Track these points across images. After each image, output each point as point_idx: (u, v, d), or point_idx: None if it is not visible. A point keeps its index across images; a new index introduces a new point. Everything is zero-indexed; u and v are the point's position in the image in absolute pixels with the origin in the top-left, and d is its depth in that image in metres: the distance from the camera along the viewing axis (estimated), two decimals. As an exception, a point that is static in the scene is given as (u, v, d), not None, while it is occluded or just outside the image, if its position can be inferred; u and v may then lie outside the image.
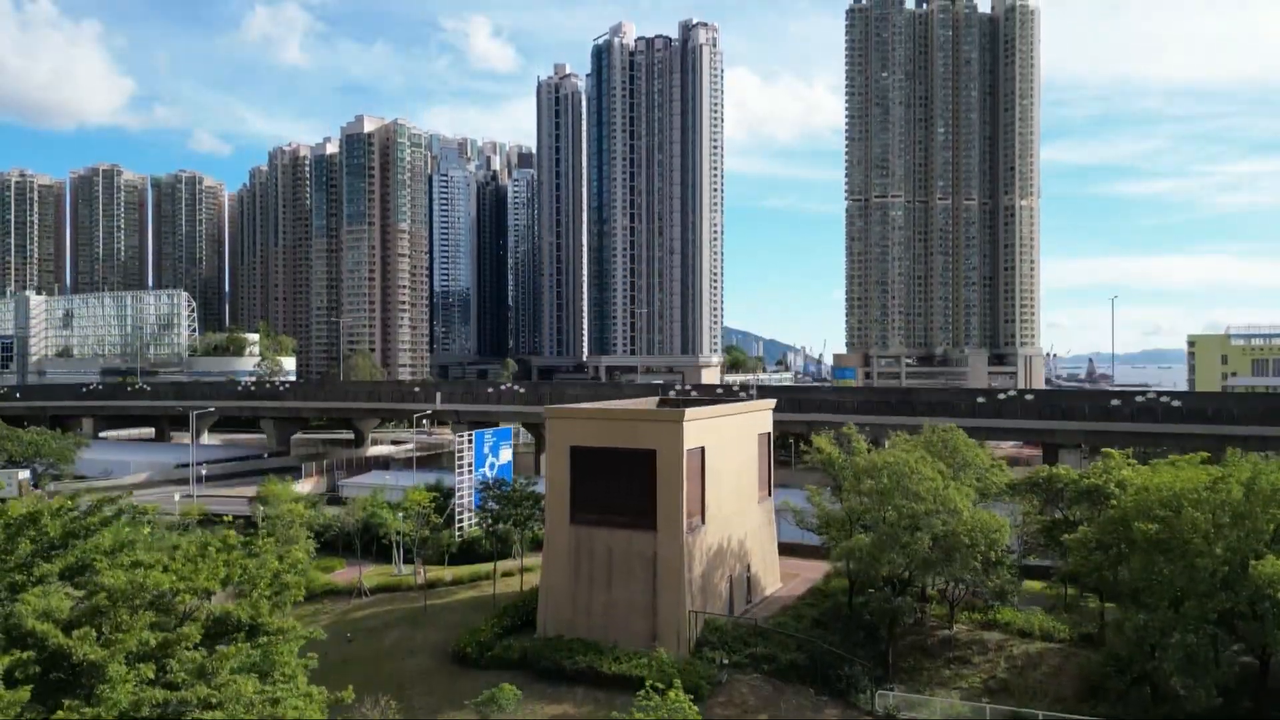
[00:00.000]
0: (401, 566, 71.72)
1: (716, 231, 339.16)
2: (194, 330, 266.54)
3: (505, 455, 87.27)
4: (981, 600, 51.63)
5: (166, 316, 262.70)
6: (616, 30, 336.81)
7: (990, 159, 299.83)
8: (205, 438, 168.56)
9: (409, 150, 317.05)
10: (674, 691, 34.89)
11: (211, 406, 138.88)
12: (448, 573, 69.56)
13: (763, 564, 60.83)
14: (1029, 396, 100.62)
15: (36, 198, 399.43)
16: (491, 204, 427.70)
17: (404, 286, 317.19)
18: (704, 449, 52.80)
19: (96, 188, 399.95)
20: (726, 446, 56.14)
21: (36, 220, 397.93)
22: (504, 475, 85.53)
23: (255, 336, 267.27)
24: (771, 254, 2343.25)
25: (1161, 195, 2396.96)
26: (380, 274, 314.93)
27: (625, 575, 51.35)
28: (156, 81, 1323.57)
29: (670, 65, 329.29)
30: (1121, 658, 40.58)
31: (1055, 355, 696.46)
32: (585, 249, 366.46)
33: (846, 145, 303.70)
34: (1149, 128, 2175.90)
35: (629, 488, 51.69)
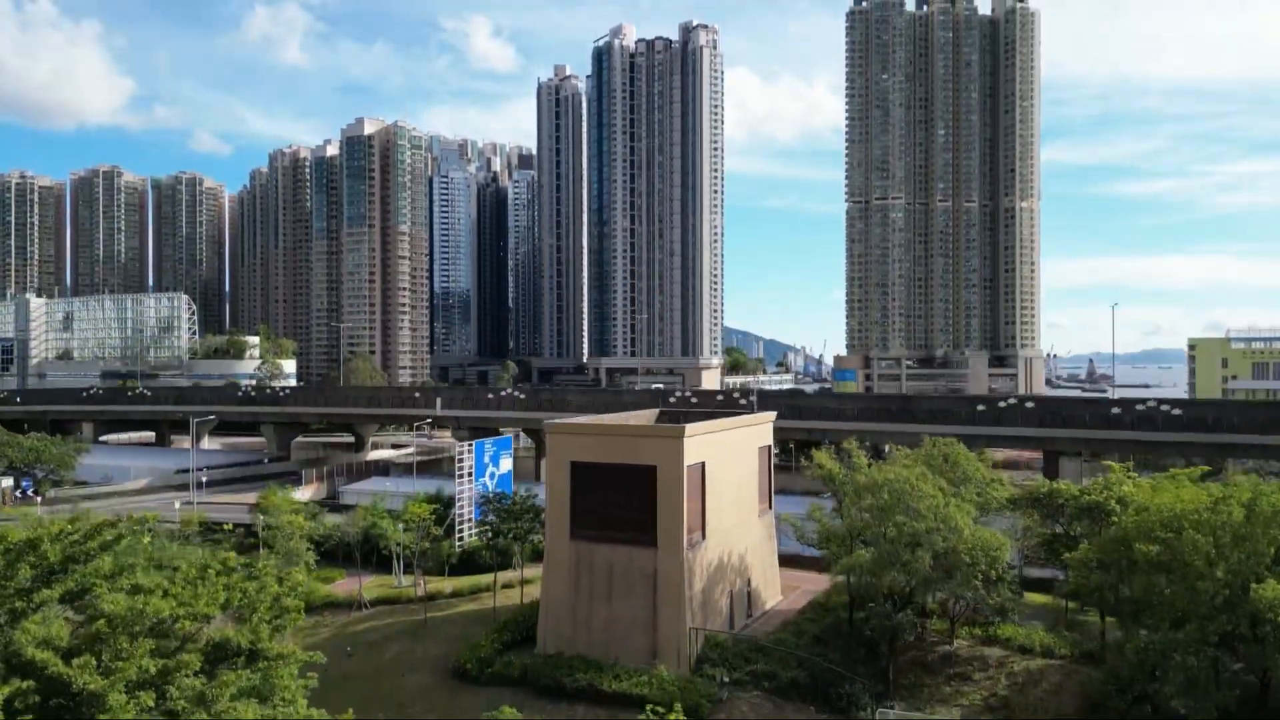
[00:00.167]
0: (402, 578, 71.68)
1: (717, 233, 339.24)
2: (194, 333, 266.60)
3: (505, 464, 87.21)
4: (982, 616, 51.59)
5: (167, 319, 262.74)
6: (617, 32, 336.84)
7: (990, 161, 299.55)
8: (206, 442, 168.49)
9: (409, 152, 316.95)
10: (674, 715, 34.84)
11: (212, 415, 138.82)
12: (448, 584, 69.57)
13: (763, 577, 60.77)
14: (1029, 404, 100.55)
15: (37, 199, 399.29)
16: (492, 205, 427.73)
17: (404, 289, 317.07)
18: (704, 464, 52.73)
19: (97, 189, 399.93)
20: (727, 461, 56.07)
21: (37, 222, 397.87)
22: (504, 485, 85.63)
23: (255, 339, 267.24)
24: (771, 254, 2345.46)
25: (1161, 195, 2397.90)
26: (380, 276, 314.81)
27: (625, 591, 51.29)
28: (156, 81, 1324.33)
29: (670, 67, 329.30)
30: (1123, 677, 40.53)
31: (1055, 356, 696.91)
32: (585, 250, 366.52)
33: (846, 147, 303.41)
34: (1149, 127, 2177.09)
35: (629, 503, 51.64)
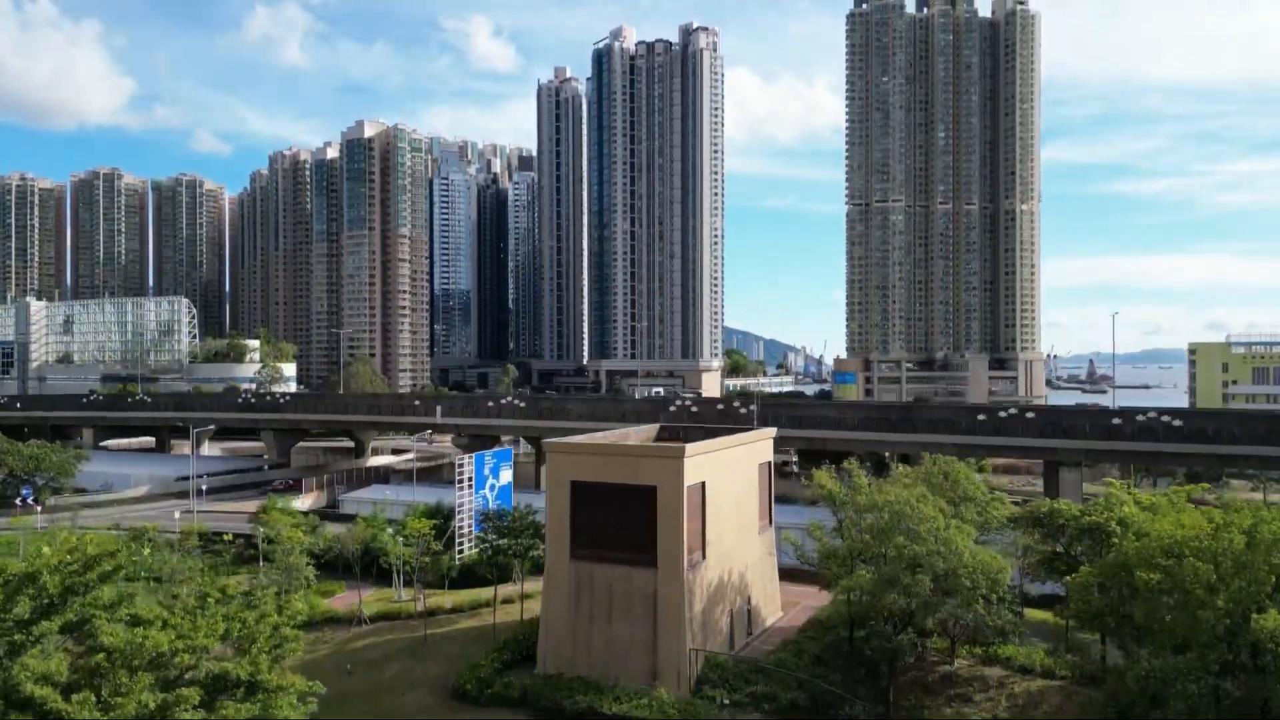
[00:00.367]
0: (402, 592, 71.66)
1: (717, 235, 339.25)
2: (194, 336, 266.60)
3: (506, 476, 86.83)
4: (983, 635, 51.53)
5: (167, 323, 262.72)
6: (617, 34, 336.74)
7: (991, 163, 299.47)
8: (206, 447, 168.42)
9: (409, 155, 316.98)
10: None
11: (211, 426, 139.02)
12: (448, 599, 69.54)
13: (763, 595, 60.71)
14: (1029, 414, 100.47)
15: (37, 201, 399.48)
16: (492, 207, 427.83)
17: (404, 291, 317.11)
18: (704, 484, 52.64)
19: (97, 191, 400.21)
20: (727, 479, 56.00)
21: (37, 224, 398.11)
22: (504, 496, 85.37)
23: (256, 343, 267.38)
24: (772, 254, 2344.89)
25: (1161, 195, 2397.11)
26: (380, 279, 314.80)
27: (626, 612, 51.22)
28: (156, 81, 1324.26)
29: (670, 69, 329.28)
30: (1123, 702, 40.43)
31: (1055, 356, 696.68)
32: (586, 252, 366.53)
33: (847, 149, 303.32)
34: (1149, 127, 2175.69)
35: (629, 523, 51.54)
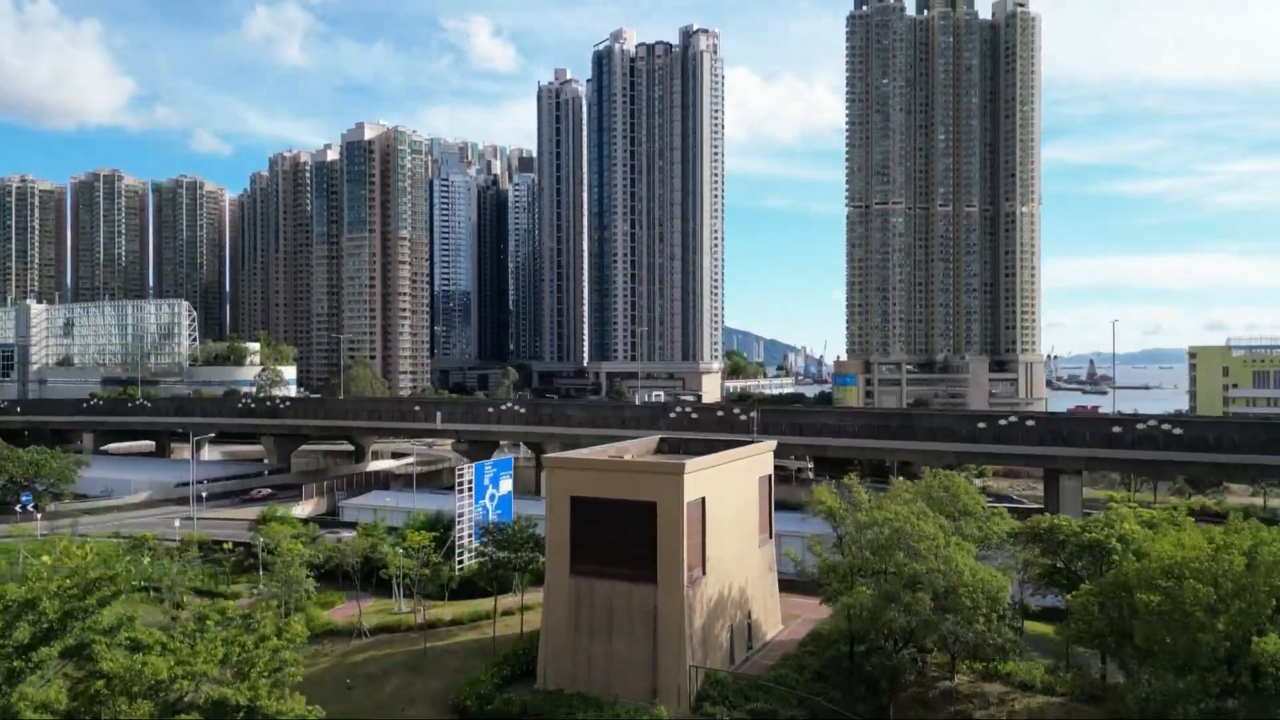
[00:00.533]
0: (402, 604, 71.61)
1: (717, 237, 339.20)
2: (194, 339, 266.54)
3: (505, 485, 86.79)
4: (983, 653, 51.45)
5: (167, 326, 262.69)
6: (617, 36, 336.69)
7: (991, 165, 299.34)
8: (206, 450, 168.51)
9: (409, 157, 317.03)
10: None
11: (211, 433, 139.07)
12: (447, 611, 69.48)
13: (763, 609, 60.67)
14: (1030, 422, 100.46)
15: (37, 203, 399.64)
16: (492, 208, 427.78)
17: (404, 294, 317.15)
18: (704, 499, 52.57)
19: (97, 193, 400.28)
20: (727, 494, 55.93)
21: (37, 225, 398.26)
22: (504, 506, 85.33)
23: (256, 346, 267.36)
24: (772, 253, 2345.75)
25: (1162, 195, 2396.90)
26: (381, 281, 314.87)
27: (626, 628, 51.17)
28: (157, 81, 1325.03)
29: (671, 71, 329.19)
30: (1123, 723, 40.45)
31: (1055, 357, 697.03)
32: (586, 254, 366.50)
33: (847, 151, 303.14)
34: (1149, 127, 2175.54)
35: (629, 539, 51.46)
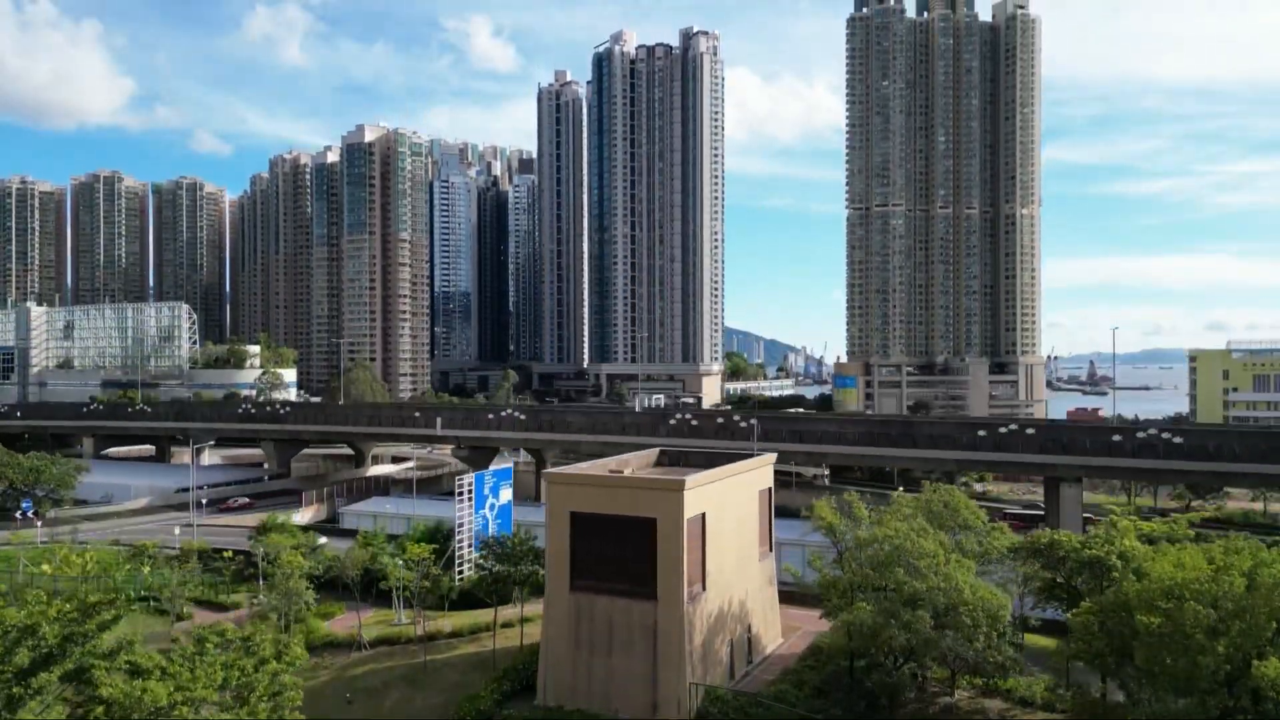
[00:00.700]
0: (402, 615, 71.62)
1: (717, 239, 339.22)
2: (194, 342, 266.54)
3: (505, 495, 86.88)
4: (984, 670, 51.40)
5: (167, 328, 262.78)
6: (617, 38, 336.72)
7: (991, 167, 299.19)
8: (206, 455, 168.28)
9: (409, 159, 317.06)
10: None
11: (211, 440, 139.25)
12: (447, 622, 69.45)
13: (763, 622, 60.65)
14: (1030, 430, 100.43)
15: (37, 204, 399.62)
16: (492, 209, 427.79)
17: (405, 296, 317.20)
18: (704, 515, 52.55)
19: (97, 194, 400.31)
20: (727, 509, 55.92)
21: (38, 227, 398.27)
22: (504, 515, 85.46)
23: (256, 348, 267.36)
24: (772, 253, 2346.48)
25: (1162, 195, 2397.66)
26: (381, 283, 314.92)
27: (625, 644, 51.14)
28: (157, 81, 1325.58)
29: (671, 73, 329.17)
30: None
31: (1056, 357, 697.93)
32: (586, 256, 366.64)
33: (847, 153, 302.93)
34: (1149, 127, 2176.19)
35: (629, 555, 51.44)
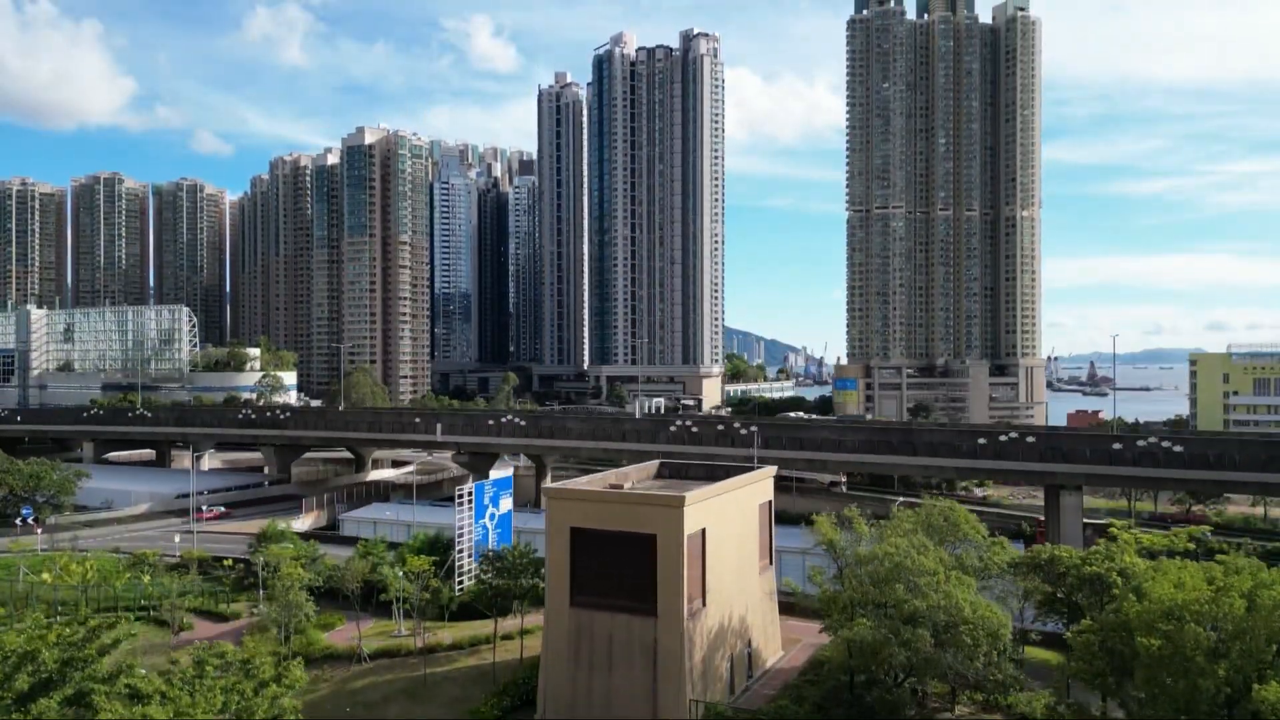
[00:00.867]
0: (402, 626, 71.61)
1: (718, 241, 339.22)
2: (195, 345, 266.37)
3: (506, 504, 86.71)
4: (984, 687, 51.39)
5: (168, 331, 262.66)
6: (617, 40, 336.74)
7: (991, 170, 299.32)
8: (206, 459, 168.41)
9: (410, 162, 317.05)
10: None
11: (211, 445, 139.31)
12: (447, 634, 69.44)
13: (763, 636, 60.61)
14: (1030, 438, 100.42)
15: (38, 206, 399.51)
16: (493, 210, 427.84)
17: (405, 298, 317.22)
18: (705, 530, 52.51)
19: (98, 196, 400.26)
20: (728, 524, 55.89)
21: (38, 229, 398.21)
22: (504, 524, 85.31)
23: (256, 351, 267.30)
24: (773, 253, 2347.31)
25: (1162, 194, 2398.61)
26: (381, 286, 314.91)
27: (625, 661, 51.10)
28: (157, 81, 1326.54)
29: (671, 75, 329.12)
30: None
31: (1056, 358, 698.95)
32: (586, 257, 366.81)
33: (847, 155, 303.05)
34: (1150, 127, 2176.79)
35: (629, 571, 51.38)
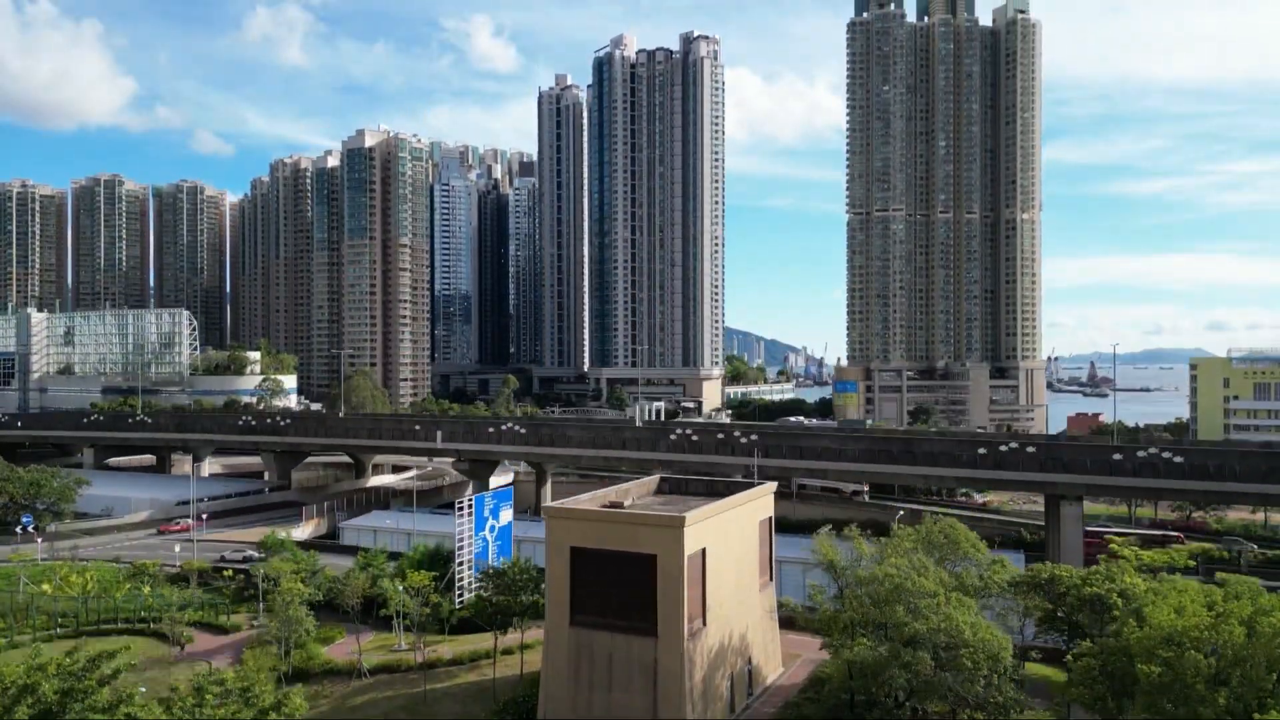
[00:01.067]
0: (402, 641, 71.59)
1: (718, 243, 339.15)
2: (195, 348, 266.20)
3: (506, 516, 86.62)
4: (984, 707, 51.29)
5: (168, 334, 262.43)
6: (618, 42, 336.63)
7: (991, 172, 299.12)
8: (207, 464, 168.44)
9: (410, 164, 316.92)
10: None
11: (211, 451, 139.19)
12: (447, 648, 69.45)
13: (764, 653, 60.59)
14: (1030, 448, 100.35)
15: (38, 208, 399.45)
16: (493, 212, 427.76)
17: (405, 301, 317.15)
18: (705, 550, 52.47)
19: (98, 197, 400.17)
20: (728, 542, 55.84)
21: (38, 230, 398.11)
22: (504, 537, 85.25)
23: (256, 355, 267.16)
24: (773, 253, 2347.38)
25: (1163, 194, 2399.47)
26: (381, 288, 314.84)
27: (625, 681, 51.06)
28: (158, 82, 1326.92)
29: (671, 78, 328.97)
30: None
31: (1056, 358, 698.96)
32: (586, 259, 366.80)
33: (848, 158, 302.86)
34: (1150, 127, 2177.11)
35: (629, 591, 51.34)
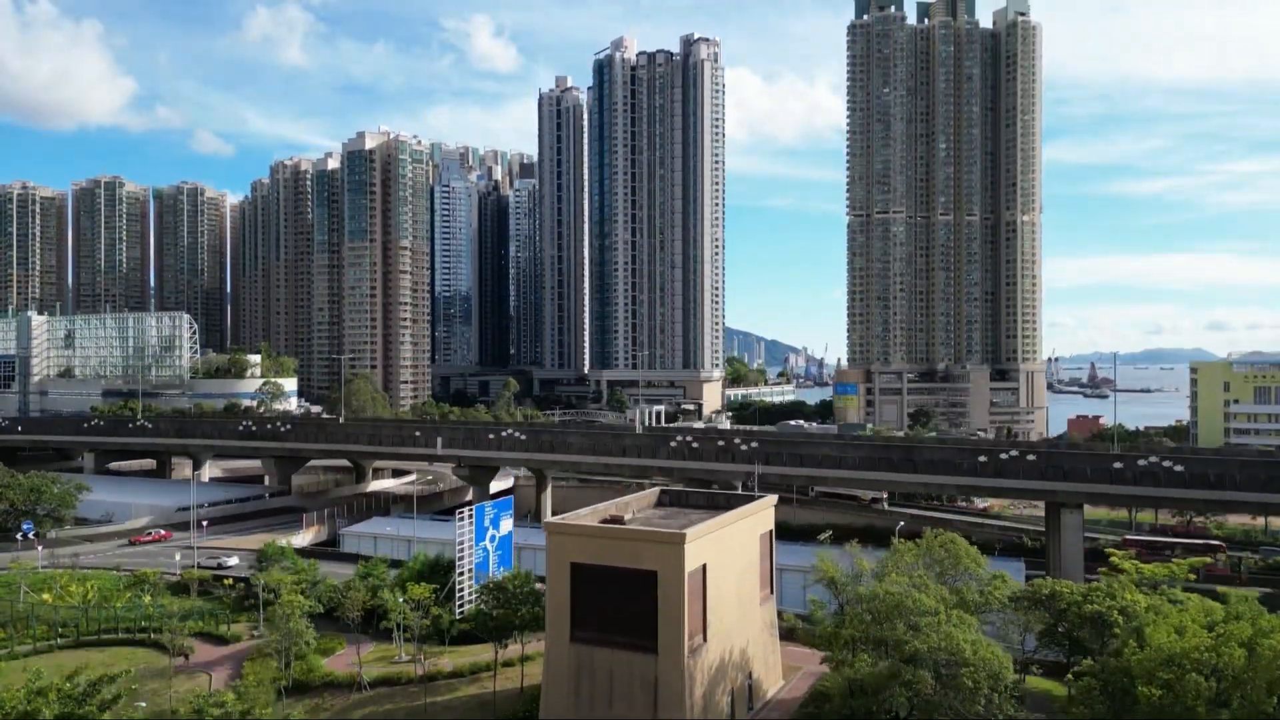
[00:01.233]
0: (403, 653, 71.63)
1: (718, 245, 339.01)
2: (195, 351, 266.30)
3: (506, 526, 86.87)
4: None
5: (168, 338, 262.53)
6: (618, 44, 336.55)
7: (992, 174, 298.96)
8: (207, 468, 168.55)
9: (410, 166, 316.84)
10: None
11: (212, 456, 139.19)
12: (448, 660, 69.50)
13: (764, 667, 60.63)
14: (1031, 456, 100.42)
15: (38, 210, 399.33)
16: (493, 213, 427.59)
17: (405, 303, 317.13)
18: (706, 566, 52.53)
19: (98, 199, 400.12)
20: (729, 557, 55.89)
21: (38, 232, 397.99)
22: (504, 547, 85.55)
23: (257, 358, 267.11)
24: (773, 253, 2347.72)
25: (1163, 194, 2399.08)
26: (381, 290, 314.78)
27: (626, 697, 51.12)
28: (158, 82, 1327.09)
29: (671, 80, 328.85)
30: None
31: (1056, 359, 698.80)
32: (587, 261, 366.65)
33: (848, 160, 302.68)
34: (1150, 127, 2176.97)
35: (630, 608, 51.39)
